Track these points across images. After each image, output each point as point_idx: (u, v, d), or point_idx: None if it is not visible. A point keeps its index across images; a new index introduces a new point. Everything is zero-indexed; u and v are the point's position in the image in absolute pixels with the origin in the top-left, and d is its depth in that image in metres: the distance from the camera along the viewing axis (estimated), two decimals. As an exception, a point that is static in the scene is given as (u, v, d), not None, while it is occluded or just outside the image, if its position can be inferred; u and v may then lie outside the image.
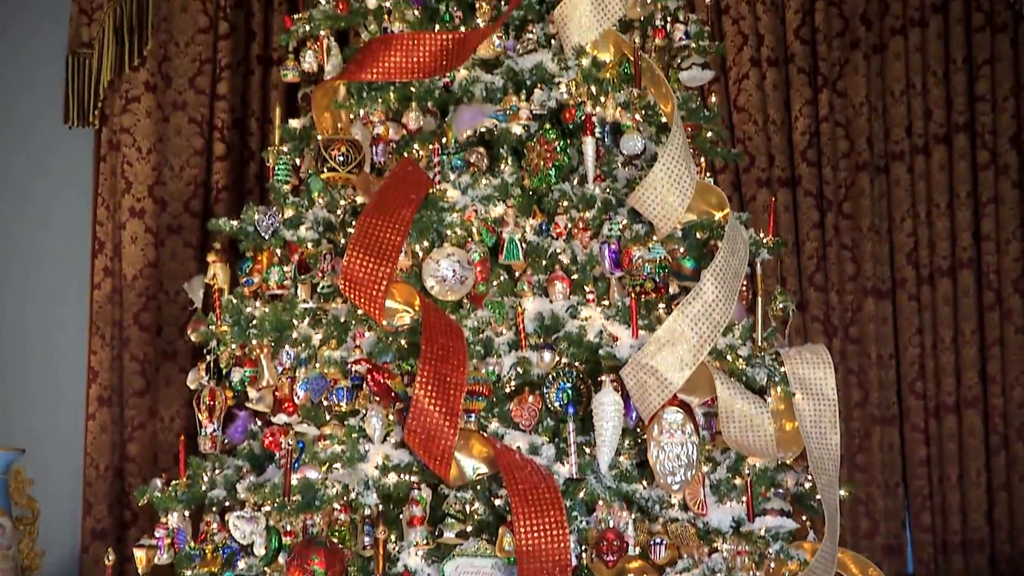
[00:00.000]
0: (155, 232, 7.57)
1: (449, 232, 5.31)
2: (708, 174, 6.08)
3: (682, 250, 5.32)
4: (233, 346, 5.50)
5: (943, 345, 7.54)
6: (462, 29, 5.64)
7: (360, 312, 5.16)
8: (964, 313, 7.53)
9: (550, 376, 5.08)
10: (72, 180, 7.70)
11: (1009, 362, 7.47)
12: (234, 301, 5.53)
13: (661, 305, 5.24)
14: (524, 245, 5.29)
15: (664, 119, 5.55)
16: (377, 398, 5.03)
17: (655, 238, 5.25)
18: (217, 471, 5.39)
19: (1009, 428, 7.43)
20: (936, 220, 7.60)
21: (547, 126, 5.42)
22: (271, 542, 4.99)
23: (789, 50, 7.77)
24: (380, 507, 4.94)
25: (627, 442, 5.07)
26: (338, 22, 5.93)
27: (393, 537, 4.89)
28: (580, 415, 5.02)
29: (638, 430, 5.09)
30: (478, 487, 4.98)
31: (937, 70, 7.61)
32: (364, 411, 5.05)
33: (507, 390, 5.14)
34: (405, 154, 5.60)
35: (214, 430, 5.47)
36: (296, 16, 5.98)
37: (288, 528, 5.01)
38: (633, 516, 4.97)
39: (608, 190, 5.36)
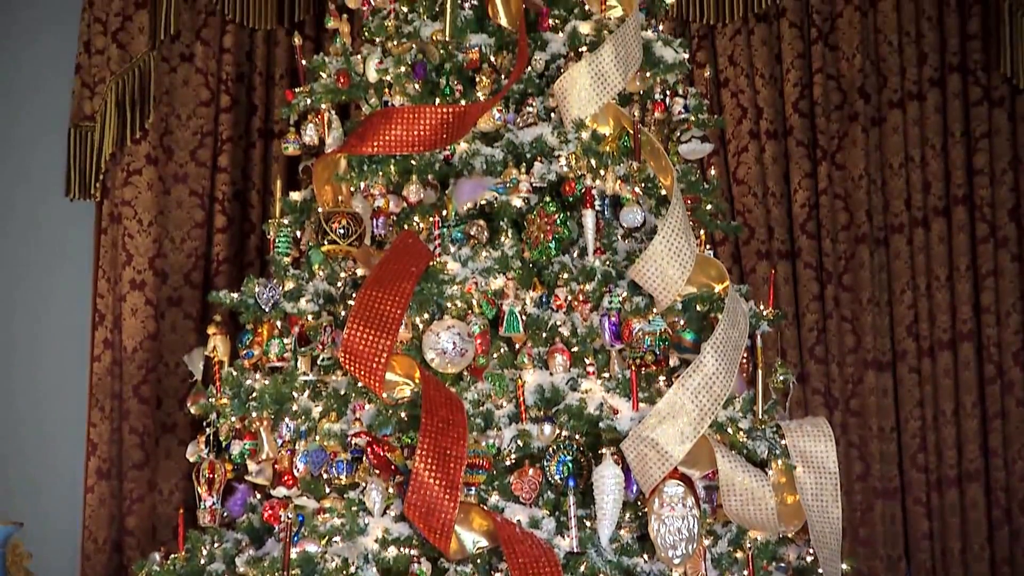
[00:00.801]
0: (155, 304, 7.58)
1: (449, 304, 5.31)
2: (708, 246, 6.09)
3: (682, 323, 5.33)
4: (233, 419, 5.49)
5: (944, 418, 7.52)
6: (462, 102, 5.68)
7: (360, 384, 5.16)
8: (965, 386, 7.51)
9: (550, 449, 5.07)
10: (73, 252, 7.71)
11: (1011, 435, 7.45)
12: (234, 373, 5.53)
13: (661, 378, 5.24)
14: (524, 317, 5.29)
15: (664, 192, 5.57)
16: (377, 471, 5.01)
17: (655, 311, 5.25)
18: (216, 545, 5.36)
19: (1012, 501, 7.39)
20: (936, 292, 7.60)
21: (547, 199, 5.44)
22: (270, 616, 4.95)
23: (788, 123, 7.80)
24: (380, 581, 4.91)
25: (628, 515, 5.05)
26: (339, 96, 5.96)
27: (393, 611, 4.87)
28: (581, 488, 5.00)
29: (639, 503, 5.07)
30: (478, 561, 4.94)
31: (936, 143, 7.64)
32: (364, 484, 5.04)
33: (507, 463, 5.13)
34: (406, 226, 5.62)
35: (213, 503, 5.45)
36: (297, 90, 6.02)
37: (287, 602, 4.97)
38: (634, 590, 4.94)
39: (608, 263, 5.37)
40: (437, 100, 5.72)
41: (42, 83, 7.72)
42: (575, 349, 5.27)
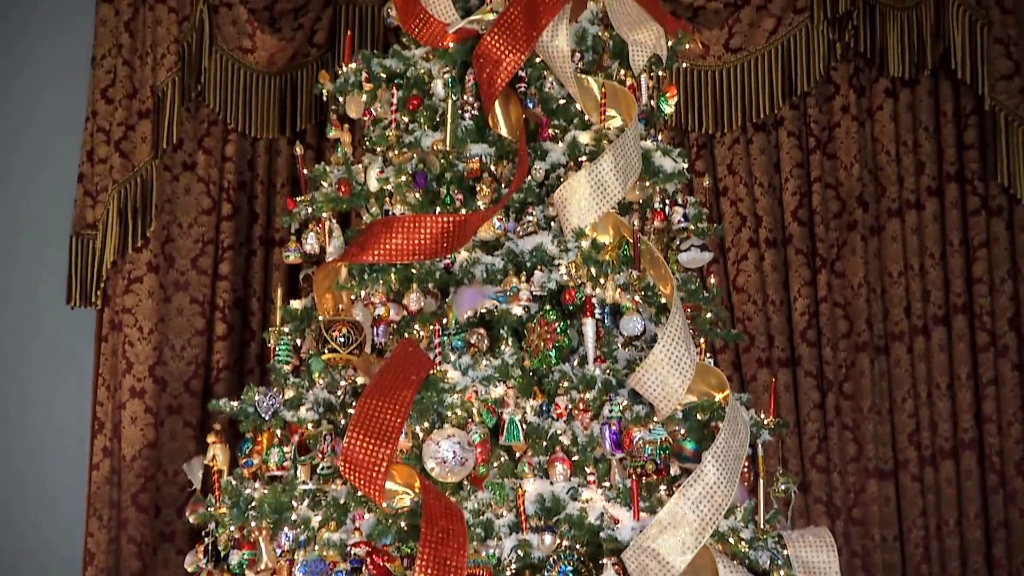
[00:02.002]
0: (155, 412, 7.56)
1: (449, 413, 5.29)
2: (708, 355, 6.08)
3: (683, 431, 5.30)
4: (232, 528, 5.45)
5: (947, 528, 7.47)
6: (463, 211, 5.70)
7: (360, 494, 5.12)
8: (968, 495, 7.46)
9: (551, 559, 5.01)
10: (73, 360, 7.71)
11: (1014, 545, 7.39)
12: (233, 482, 5.50)
13: (662, 487, 5.21)
14: (524, 426, 5.27)
15: (664, 300, 5.58)
16: (376, 581, 4.97)
17: (656, 419, 5.24)
18: (215, 655, 5.31)
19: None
20: (937, 401, 7.58)
21: (547, 307, 5.44)
22: None
23: (787, 231, 7.83)
24: None
25: (630, 626, 5.00)
26: (340, 204, 5.98)
27: None
28: (582, 599, 4.96)
29: (640, 614, 5.02)
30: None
31: (935, 252, 7.66)
32: (363, 594, 4.99)
33: (508, 573, 5.07)
34: (406, 335, 5.61)
35: (212, 613, 5.40)
36: (299, 199, 6.05)
37: None
38: None
39: (608, 371, 5.37)
40: (438, 209, 5.75)
41: (45, 190, 7.77)
42: (576, 458, 5.24)
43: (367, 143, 6.07)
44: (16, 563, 7.43)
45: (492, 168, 5.82)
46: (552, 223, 5.69)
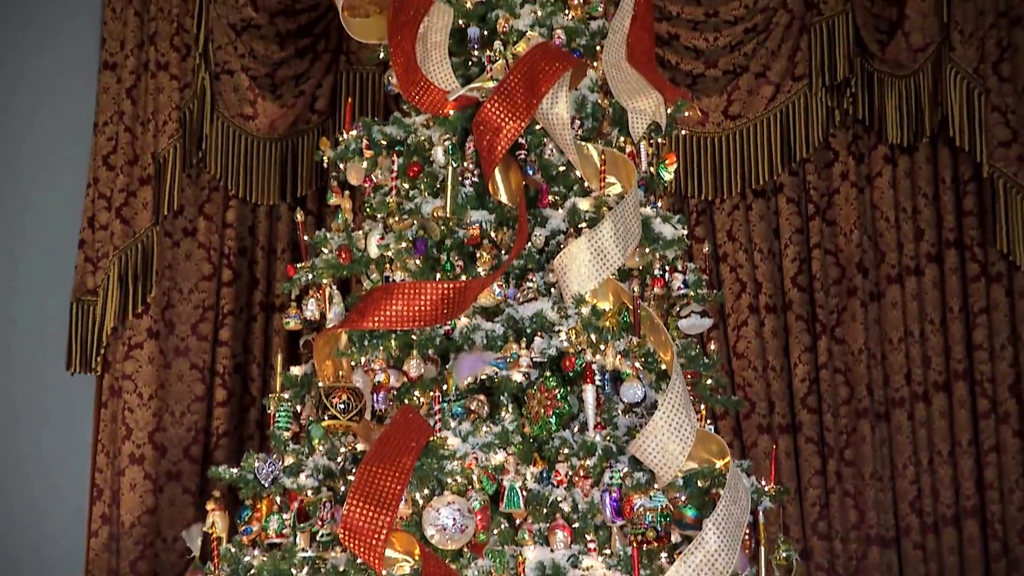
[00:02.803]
0: (154, 479, 7.54)
1: (449, 480, 5.27)
2: (708, 421, 6.07)
3: (684, 498, 5.28)
4: (230, 596, 5.43)
5: (948, 597, 7.46)
6: (463, 278, 5.71)
7: (360, 561, 5.09)
8: (970, 563, 7.43)
9: (552, 627, 5.00)
10: (72, 426, 7.68)
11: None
12: (232, 550, 5.48)
13: (663, 554, 5.18)
14: (525, 493, 5.25)
15: (664, 367, 5.57)
16: (375, 650, 4.94)
17: (656, 486, 5.22)
18: None
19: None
20: (939, 468, 7.56)
21: (547, 374, 5.43)
22: None
23: (787, 297, 7.84)
24: None
25: None
26: (340, 271, 6.00)
27: None
28: (583, 667, 4.93)
29: None
30: None
31: (935, 318, 7.67)
32: (362, 663, 4.96)
33: (509, 641, 5.06)
34: (406, 401, 5.61)
35: None
36: (299, 265, 6.06)
37: None
38: None
39: (609, 438, 5.35)
40: (438, 276, 5.76)
41: (45, 256, 7.77)
42: (576, 525, 5.22)
43: (368, 210, 6.09)
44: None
45: (492, 235, 5.84)
46: (552, 289, 5.69)
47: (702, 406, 5.89)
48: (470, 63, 6.15)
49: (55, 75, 7.85)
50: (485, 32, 6.14)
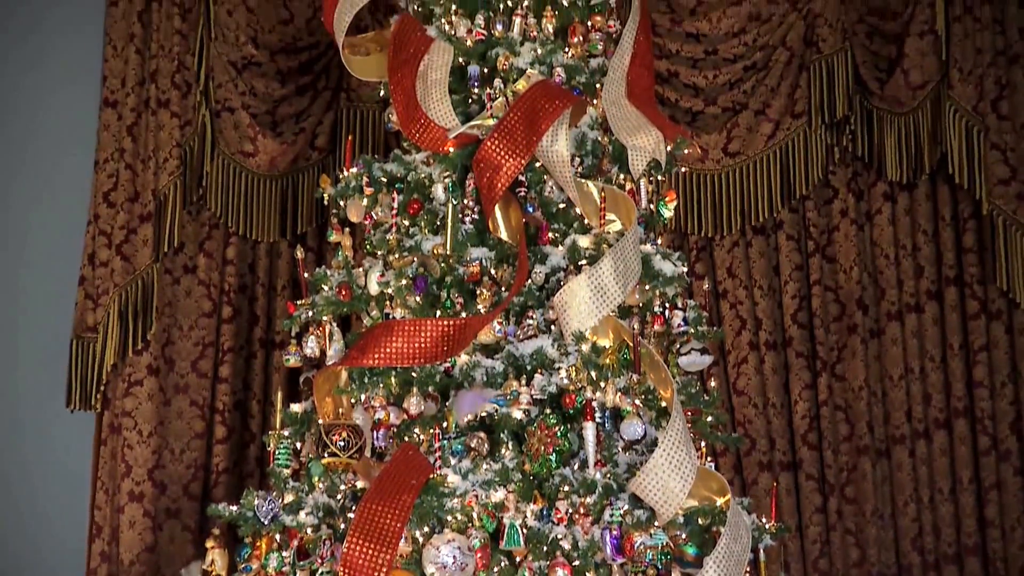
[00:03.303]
0: (153, 516, 7.51)
1: (450, 518, 5.26)
2: (709, 459, 6.07)
3: (684, 536, 5.28)
4: (230, 634, 5.42)
5: (951, 635, 7.43)
6: (463, 315, 5.72)
7: (359, 599, 5.09)
8: (972, 601, 7.43)
9: (552, 666, 4.98)
10: (72, 463, 7.67)
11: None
12: (231, 587, 5.47)
13: (664, 592, 5.18)
14: (525, 531, 5.23)
15: (664, 404, 5.57)
16: None
17: (657, 524, 5.21)
18: None
19: None
20: (940, 505, 7.54)
21: (547, 411, 5.43)
22: None
23: (787, 334, 7.84)
24: None
25: None
26: (340, 308, 6.01)
27: None
28: None
29: None
30: None
31: (935, 355, 7.66)
32: None
33: None
34: (406, 439, 5.60)
35: None
36: (299, 302, 6.07)
37: None
38: None
39: (609, 475, 5.35)
40: (438, 313, 5.76)
41: (46, 293, 7.77)
42: (576, 563, 5.20)
43: (368, 247, 6.11)
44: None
45: (492, 272, 5.84)
46: (552, 327, 5.70)
47: (702, 443, 5.90)
48: (470, 101, 6.17)
49: (55, 112, 7.86)
50: (485, 70, 6.17)
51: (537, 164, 5.94)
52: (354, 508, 5.23)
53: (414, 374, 5.63)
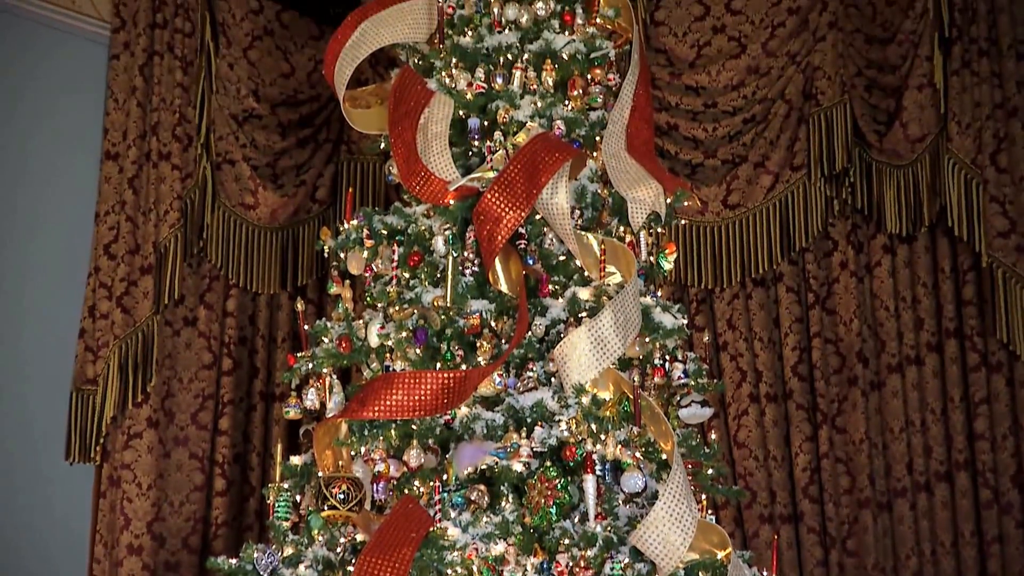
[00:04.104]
0: (152, 569, 7.48)
1: (450, 571, 5.24)
2: (710, 511, 6.05)
3: (685, 590, 5.26)
4: None
5: None
6: (463, 367, 5.71)
7: (359, 653, 5.06)
8: (973, 654, 7.38)
9: None
10: (71, 516, 7.63)
11: None
12: (230, 641, 5.44)
13: (665, 646, 5.15)
14: (525, 584, 5.23)
15: (665, 457, 5.56)
16: None
17: (658, 577, 5.20)
18: None
19: None
20: (942, 559, 7.50)
21: (548, 464, 5.42)
22: None
23: (787, 386, 7.84)
24: None
25: None
26: (340, 360, 6.00)
27: None
28: None
29: None
30: None
31: (935, 408, 7.64)
32: None
33: None
34: (406, 491, 5.59)
35: None
36: (299, 354, 6.07)
37: None
38: None
39: (610, 528, 5.33)
40: (438, 365, 5.76)
41: (46, 346, 7.76)
42: (577, 616, 5.19)
43: (368, 299, 6.12)
44: None
45: (492, 324, 5.85)
46: (552, 379, 5.69)
47: (703, 496, 5.88)
48: (470, 153, 6.20)
49: (56, 165, 7.88)
50: (485, 123, 6.20)
51: (537, 216, 5.96)
52: (354, 561, 5.22)
53: (414, 426, 5.63)
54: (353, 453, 5.71)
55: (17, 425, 7.62)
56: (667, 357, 5.99)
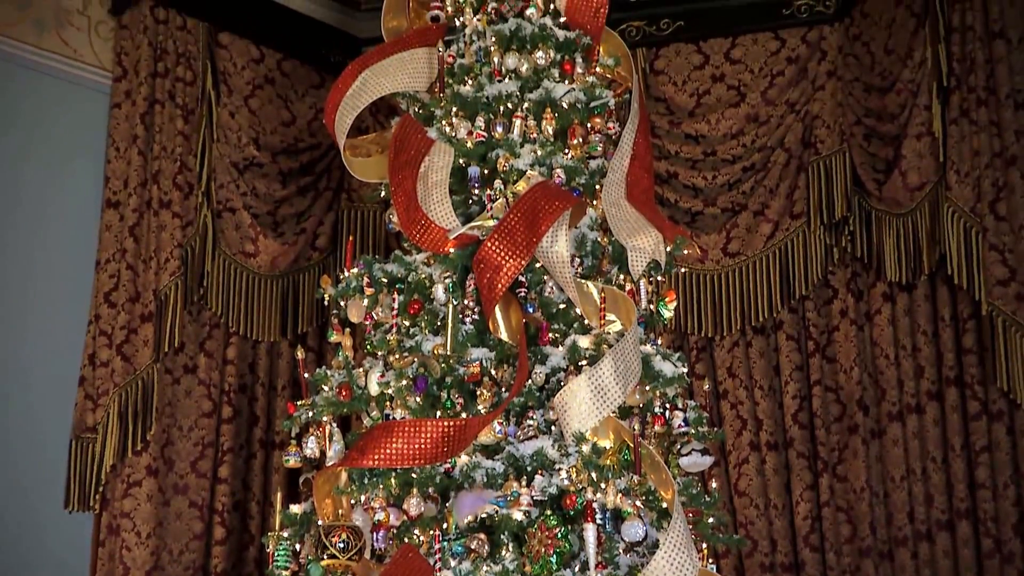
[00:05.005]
0: (151, 619, 7.46)
1: (450, 620, 5.23)
2: (711, 560, 6.04)
3: (686, 640, 5.23)
4: None
5: None
6: (463, 416, 5.71)
7: None
8: None
9: None
10: (70, 565, 7.60)
11: None
12: None
13: None
14: (525, 634, 5.20)
15: (665, 505, 5.55)
16: None
17: (659, 627, 5.17)
18: None
19: None
20: (944, 609, 7.49)
21: (548, 512, 5.41)
22: None
23: (788, 434, 7.83)
24: None
25: None
26: (340, 408, 6.01)
27: None
28: None
29: None
30: None
31: (936, 456, 7.62)
32: None
33: None
34: (406, 540, 5.58)
35: None
36: (299, 403, 6.07)
37: None
38: None
39: (610, 577, 5.32)
40: (438, 413, 5.76)
41: (45, 393, 7.75)
42: (578, 667, 5.17)
43: (368, 347, 6.12)
44: None
45: (492, 372, 5.85)
46: (553, 427, 5.69)
47: (704, 545, 5.87)
48: (471, 202, 6.22)
49: (57, 212, 7.89)
50: (485, 171, 6.22)
51: (537, 264, 5.97)
52: (353, 611, 5.20)
53: (414, 475, 5.62)
54: (353, 501, 5.70)
55: (16, 473, 7.60)
56: (667, 405, 5.99)
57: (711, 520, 5.97)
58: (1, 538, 7.55)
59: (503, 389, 5.80)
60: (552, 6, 6.59)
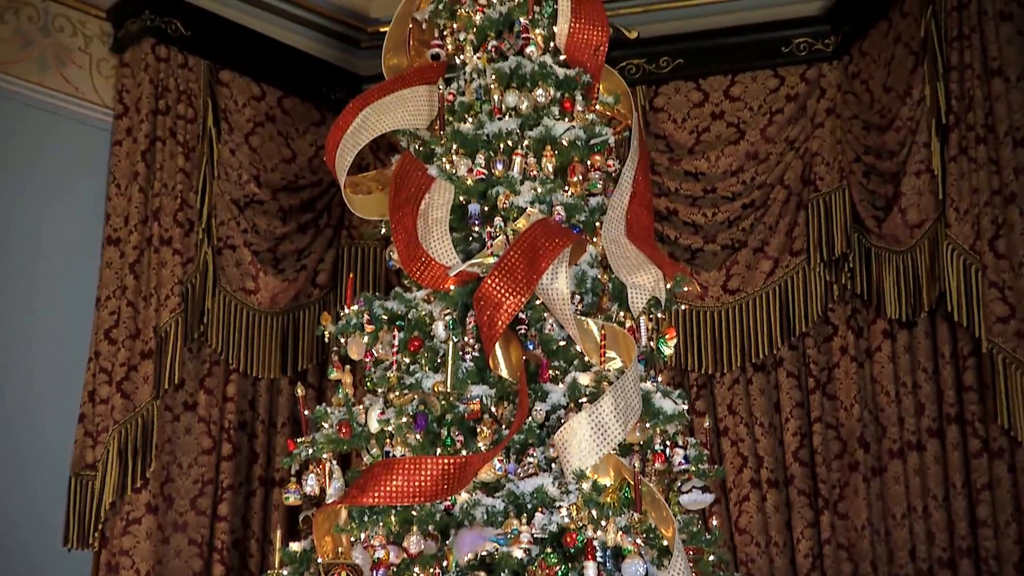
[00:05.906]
0: (151, 658, 7.43)
1: (450, 657, 5.21)
2: (712, 598, 6.02)
3: None
4: None
5: None
6: (464, 453, 5.70)
7: None
8: None
9: None
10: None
11: None
12: None
13: None
14: (526, 673, 5.18)
15: (666, 543, 5.54)
16: None
17: (659, 660, 5.16)
18: None
19: None
20: (943, 649, 7.45)
21: (548, 550, 5.39)
22: None
23: (789, 472, 7.82)
24: None
25: None
26: (341, 445, 5.99)
27: None
28: None
29: None
30: None
31: (937, 494, 7.59)
32: None
33: None
34: (405, 577, 5.56)
35: None
36: (299, 440, 6.06)
37: None
38: None
39: (611, 615, 5.30)
40: (438, 451, 5.75)
41: (45, 430, 7.74)
42: None
43: (368, 384, 6.12)
44: None
45: (493, 409, 5.84)
46: (553, 465, 5.67)
47: (705, 585, 5.85)
48: (471, 239, 6.22)
49: (57, 249, 7.90)
50: (486, 208, 6.22)
51: (537, 302, 5.97)
52: (353, 649, 5.18)
53: (414, 512, 5.60)
54: (353, 539, 5.68)
55: (15, 510, 7.58)
56: (668, 442, 5.97)
57: (712, 558, 5.95)
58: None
59: (503, 426, 5.79)
60: (552, 44, 6.61)
